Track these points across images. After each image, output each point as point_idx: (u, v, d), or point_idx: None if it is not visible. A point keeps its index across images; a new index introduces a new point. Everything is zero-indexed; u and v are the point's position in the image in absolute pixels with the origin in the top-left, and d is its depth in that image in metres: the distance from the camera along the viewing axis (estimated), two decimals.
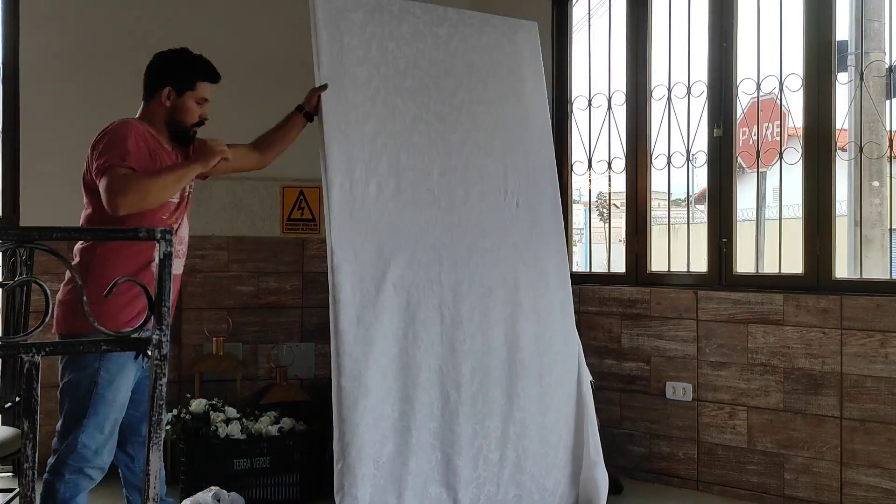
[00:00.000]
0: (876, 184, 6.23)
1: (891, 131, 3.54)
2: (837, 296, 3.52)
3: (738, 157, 3.99)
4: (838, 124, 3.63)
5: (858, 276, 4.04)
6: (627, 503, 3.73)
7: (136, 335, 1.47)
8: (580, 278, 4.21)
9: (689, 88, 4.01)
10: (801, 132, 3.71)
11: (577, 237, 6.26)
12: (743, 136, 4.67)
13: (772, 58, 3.76)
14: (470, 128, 3.35)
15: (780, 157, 3.84)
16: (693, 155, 4.03)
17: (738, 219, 3.97)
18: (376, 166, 3.10)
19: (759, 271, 3.94)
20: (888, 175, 5.38)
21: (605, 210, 5.06)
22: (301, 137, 3.12)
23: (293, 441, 3.62)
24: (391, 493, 2.92)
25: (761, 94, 3.87)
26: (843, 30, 5.96)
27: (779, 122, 4.11)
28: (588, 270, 4.82)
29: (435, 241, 3.18)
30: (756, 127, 3.97)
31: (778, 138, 4.30)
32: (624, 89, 4.22)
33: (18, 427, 3.00)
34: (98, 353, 2.38)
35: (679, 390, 3.92)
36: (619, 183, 4.30)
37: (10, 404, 3.04)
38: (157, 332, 1.42)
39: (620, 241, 4.47)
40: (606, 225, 4.79)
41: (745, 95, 3.89)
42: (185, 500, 3.26)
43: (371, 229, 3.04)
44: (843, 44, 5.74)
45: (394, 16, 3.24)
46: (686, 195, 4.72)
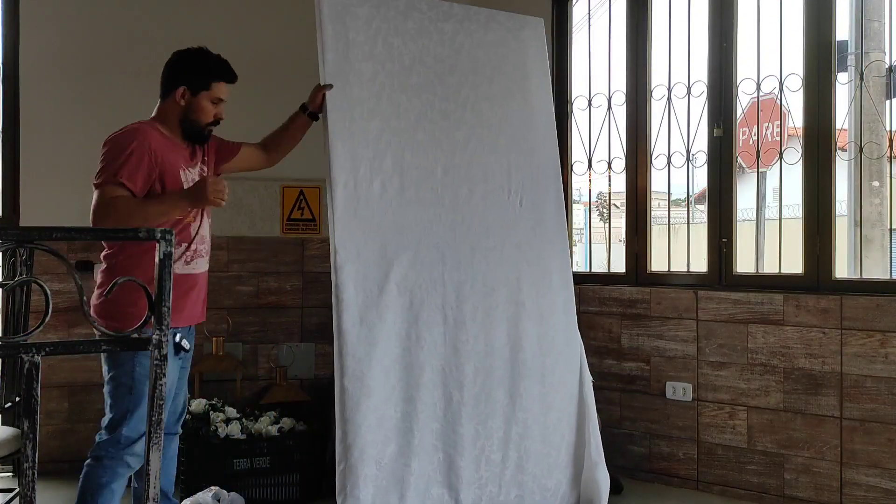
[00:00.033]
0: (876, 184, 6.22)
1: (891, 131, 3.54)
2: (837, 296, 3.52)
3: (738, 157, 3.99)
4: (838, 124, 3.63)
5: (858, 276, 4.03)
6: (627, 503, 3.73)
7: (136, 335, 1.47)
8: (580, 278, 4.20)
9: (689, 88, 4.01)
10: (801, 132, 3.70)
11: (577, 237, 6.26)
12: (743, 136, 4.67)
13: (772, 58, 3.77)
14: (475, 125, 3.32)
15: (780, 157, 3.83)
16: (693, 155, 4.02)
17: (738, 219, 3.97)
18: (380, 164, 3.07)
19: (759, 271, 3.94)
20: (888, 175, 5.38)
21: (605, 210, 5.05)
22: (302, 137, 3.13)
23: (293, 441, 3.62)
24: (393, 494, 2.91)
25: (761, 93, 3.87)
26: (843, 30, 5.95)
27: (779, 122, 4.11)
28: (588, 270, 4.81)
29: (438, 241, 3.15)
30: (756, 127, 3.97)
31: (778, 138, 4.30)
32: (624, 89, 4.22)
33: (18, 427, 3.00)
34: (133, 351, 2.45)
35: (679, 390, 3.92)
36: (619, 183, 4.30)
37: (10, 404, 3.05)
38: (157, 332, 1.42)
39: (620, 241, 4.46)
40: (606, 225, 4.78)
41: (745, 95, 3.89)
42: (185, 500, 3.26)
43: (375, 228, 3.01)
44: (843, 44, 5.73)
45: (399, 11, 3.22)
46: (686, 195, 4.72)
